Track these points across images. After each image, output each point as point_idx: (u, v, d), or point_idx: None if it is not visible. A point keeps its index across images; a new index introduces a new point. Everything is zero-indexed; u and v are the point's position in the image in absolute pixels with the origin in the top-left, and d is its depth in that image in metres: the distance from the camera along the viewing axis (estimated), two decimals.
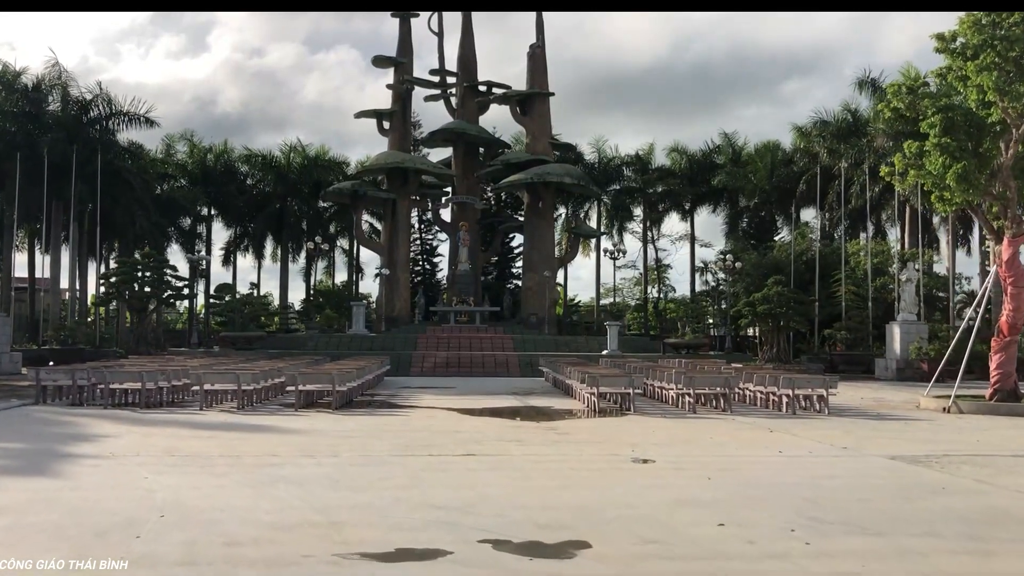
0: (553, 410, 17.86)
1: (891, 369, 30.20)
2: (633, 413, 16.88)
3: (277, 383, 19.40)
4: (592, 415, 16.72)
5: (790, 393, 17.35)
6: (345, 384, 17.92)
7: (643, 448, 11.68)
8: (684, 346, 34.67)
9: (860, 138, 46.74)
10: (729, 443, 12.57)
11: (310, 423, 14.77)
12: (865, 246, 40.98)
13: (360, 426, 14.47)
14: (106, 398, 17.33)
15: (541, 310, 44.49)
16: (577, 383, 19.38)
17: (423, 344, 36.17)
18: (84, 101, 41.42)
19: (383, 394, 22.02)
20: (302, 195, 54.66)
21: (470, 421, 15.59)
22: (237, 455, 10.77)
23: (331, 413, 16.54)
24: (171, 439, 12.38)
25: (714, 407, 18.06)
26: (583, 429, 14.23)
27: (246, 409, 17.15)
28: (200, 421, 15.02)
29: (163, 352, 33.34)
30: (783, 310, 29.94)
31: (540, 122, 47.18)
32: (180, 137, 54.63)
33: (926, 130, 19.09)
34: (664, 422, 15.45)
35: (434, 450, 11.33)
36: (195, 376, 17.38)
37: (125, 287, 31.14)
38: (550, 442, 12.40)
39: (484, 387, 24.75)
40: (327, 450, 11.29)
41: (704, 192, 55.46)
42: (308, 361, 24.51)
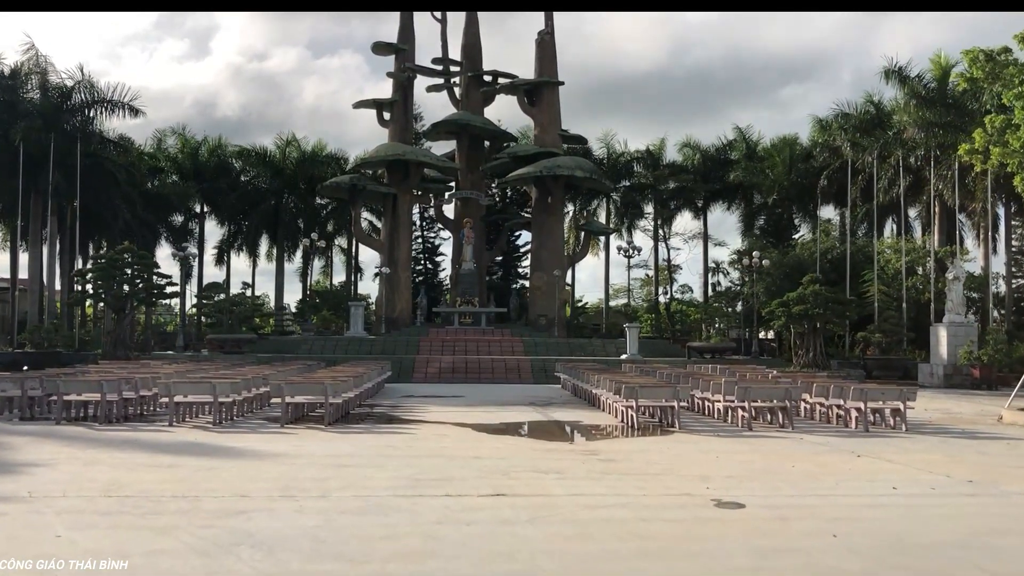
0: (583, 426, 15.31)
1: (937, 375, 27.66)
2: (679, 430, 14.34)
3: (261, 393, 16.84)
4: (632, 433, 14.18)
5: (861, 407, 14.81)
6: (340, 395, 15.38)
7: (718, 483, 9.15)
8: (708, 350, 32.11)
9: (885, 130, 44.33)
10: (820, 474, 10.03)
11: (296, 444, 12.23)
12: (897, 243, 38.43)
13: (357, 448, 11.93)
14: (59, 411, 14.78)
15: (551, 311, 41.92)
16: (607, 393, 16.83)
17: (426, 348, 33.58)
18: (64, 88, 38.81)
19: (384, 405, 19.46)
20: (298, 192, 52.13)
21: (490, 442, 13.04)
22: (195, 496, 8.22)
23: (323, 430, 14.00)
24: (119, 469, 9.83)
25: (768, 422, 15.53)
26: (630, 454, 11.67)
27: (224, 424, 14.61)
28: (164, 441, 12.47)
29: (143, 356, 30.81)
30: (820, 311, 27.38)
31: (549, 113, 44.66)
32: (172, 131, 52.23)
33: (1011, 102, 16.53)
34: (722, 443, 12.90)
35: (452, 487, 8.78)
36: (164, 386, 14.82)
37: (102, 285, 28.57)
38: (597, 474, 9.85)
39: (496, 396, 22.18)
40: (313, 487, 8.75)
41: (718, 189, 52.98)
42: (299, 368, 21.94)
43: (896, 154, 41.41)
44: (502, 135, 46.66)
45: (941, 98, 41.29)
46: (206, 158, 51.30)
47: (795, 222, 52.90)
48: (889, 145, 42.84)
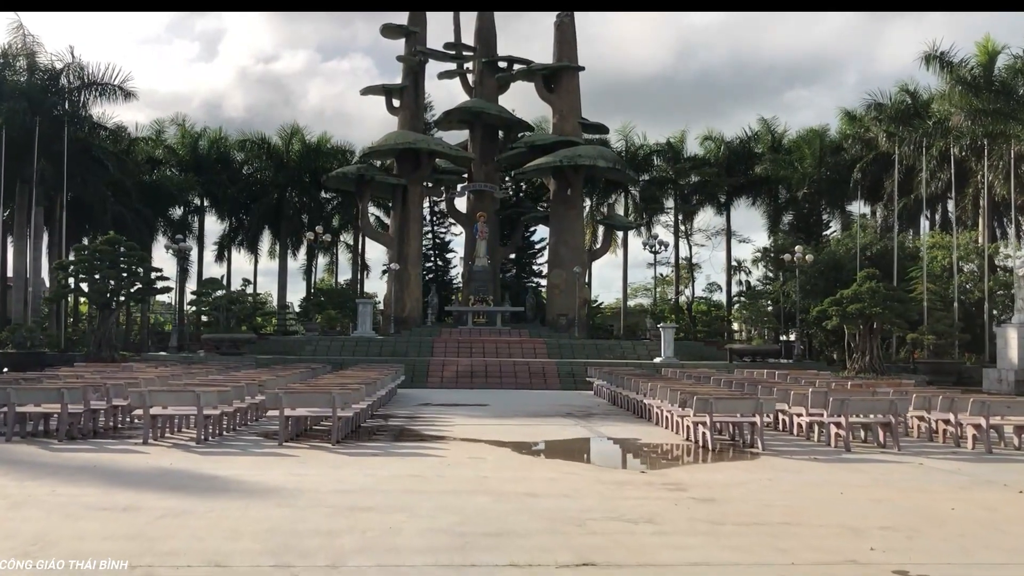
0: (645, 447, 12.71)
1: (1008, 381, 24.99)
2: (764, 452, 11.76)
3: (257, 403, 14.29)
4: (707, 456, 11.60)
5: (981, 422, 12.22)
6: (350, 407, 12.82)
7: (877, 539, 6.56)
8: (750, 352, 29.47)
9: (924, 120, 41.68)
10: (997, 522, 7.45)
11: (297, 473, 9.67)
12: (944, 238, 35.73)
13: (374, 480, 9.35)
14: (10, 426, 12.25)
15: (570, 311, 39.34)
16: (667, 405, 14.24)
17: (440, 349, 30.97)
18: (53, 70, 36.29)
19: (399, 415, 16.89)
20: (302, 185, 49.56)
21: (540, 469, 10.45)
22: (146, 566, 5.66)
23: (330, 450, 11.45)
24: (55, 514, 7.28)
25: (864, 441, 12.96)
26: (727, 489, 9.05)
27: (209, 442, 12.08)
28: (130, 468, 9.92)
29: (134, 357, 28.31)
30: (878, 309, 24.75)
31: (569, 99, 42.07)
32: (171, 122, 49.75)
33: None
34: (828, 472, 10.30)
35: (514, 548, 6.20)
36: (138, 396, 12.25)
37: (85, 279, 26.03)
38: (703, 524, 7.26)
39: (525, 405, 19.59)
40: (319, 548, 6.18)
41: (742, 183, 50.35)
42: (302, 372, 19.34)
43: (938, 144, 38.80)
44: (518, 124, 44.07)
45: (988, 84, 38.71)
46: (206, 149, 48.85)
47: (823, 218, 50.32)
48: (929, 135, 40.22)
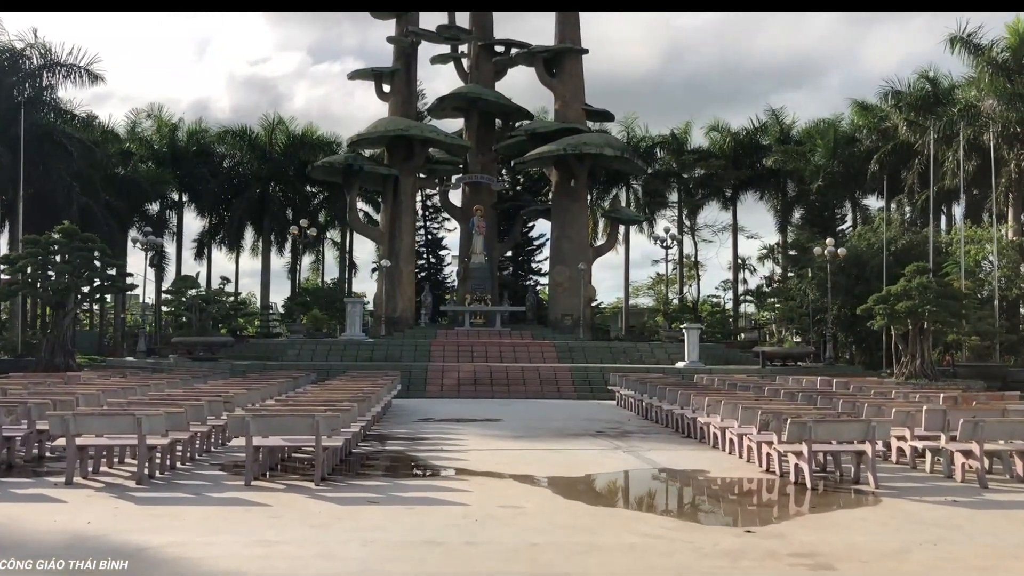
0: (718, 484, 9.91)
1: None
2: (878, 490, 9.02)
3: (221, 424, 11.44)
4: (806, 497, 8.84)
5: None
6: (339, 435, 9.97)
7: None
8: (783, 356, 26.82)
9: (948, 107, 39.18)
10: None
11: (265, 540, 6.82)
12: (983, 231, 33.17)
13: (375, 555, 6.51)
14: None
15: (575, 310, 36.59)
16: (734, 425, 11.45)
17: (439, 353, 28.07)
18: (13, 50, 33.19)
19: (398, 435, 14.05)
20: (286, 179, 46.54)
21: (607, 528, 7.57)
22: None
23: (312, 494, 8.63)
24: None
25: (988, 471, 10.25)
26: (881, 560, 6.27)
27: (155, 480, 9.25)
28: (25, 532, 7.03)
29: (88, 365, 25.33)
30: (931, 308, 22.11)
31: (572, 84, 39.28)
32: (147, 114, 46.65)
33: None
34: (985, 520, 7.56)
35: None
36: (59, 421, 9.35)
37: (32, 274, 23.03)
38: None
39: (544, 419, 16.78)
40: None
41: (749, 176, 47.75)
42: (282, 383, 16.36)
43: (966, 132, 36.30)
44: (516, 112, 41.20)
45: (1019, 68, 36.31)
46: (184, 141, 45.82)
47: (836, 211, 47.82)
48: (953, 123, 37.71)
